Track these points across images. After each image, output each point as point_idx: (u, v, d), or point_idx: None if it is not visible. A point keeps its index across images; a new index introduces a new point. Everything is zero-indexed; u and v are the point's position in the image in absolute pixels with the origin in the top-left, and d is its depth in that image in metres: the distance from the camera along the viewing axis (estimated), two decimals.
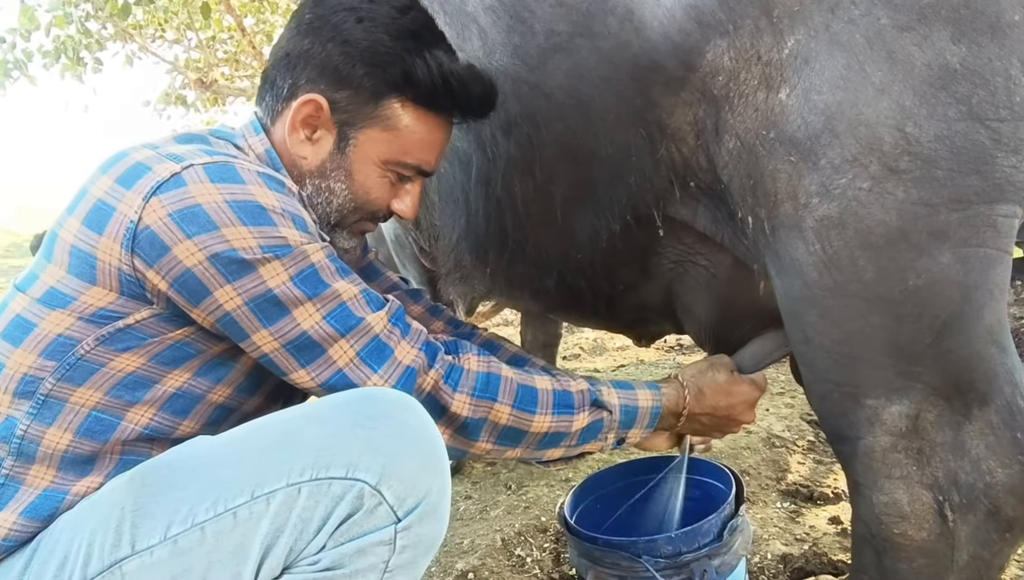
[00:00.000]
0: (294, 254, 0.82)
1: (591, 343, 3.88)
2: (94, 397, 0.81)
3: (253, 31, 6.46)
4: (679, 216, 1.04)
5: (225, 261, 0.79)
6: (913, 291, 0.82)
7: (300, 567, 0.76)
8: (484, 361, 0.95)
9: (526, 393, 0.95)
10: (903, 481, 0.89)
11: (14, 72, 5.43)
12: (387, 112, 0.95)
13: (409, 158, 0.98)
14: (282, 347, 0.83)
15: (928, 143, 0.78)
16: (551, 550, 1.65)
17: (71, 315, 0.80)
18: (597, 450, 1.04)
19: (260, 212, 0.80)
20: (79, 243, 0.80)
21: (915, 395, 0.87)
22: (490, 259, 1.25)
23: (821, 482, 1.95)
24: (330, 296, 0.84)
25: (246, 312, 0.81)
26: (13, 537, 0.78)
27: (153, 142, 0.88)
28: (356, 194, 0.98)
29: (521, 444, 0.96)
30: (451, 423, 0.91)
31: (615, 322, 1.41)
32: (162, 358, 0.84)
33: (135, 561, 0.73)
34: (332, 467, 0.75)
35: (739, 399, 1.10)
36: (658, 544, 1.09)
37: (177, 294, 0.80)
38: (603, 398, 1.00)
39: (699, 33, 0.88)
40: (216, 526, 0.74)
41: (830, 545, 1.58)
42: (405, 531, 0.77)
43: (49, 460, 0.81)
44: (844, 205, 0.82)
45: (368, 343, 0.86)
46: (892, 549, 0.92)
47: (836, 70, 0.81)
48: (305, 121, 0.95)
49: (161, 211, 0.78)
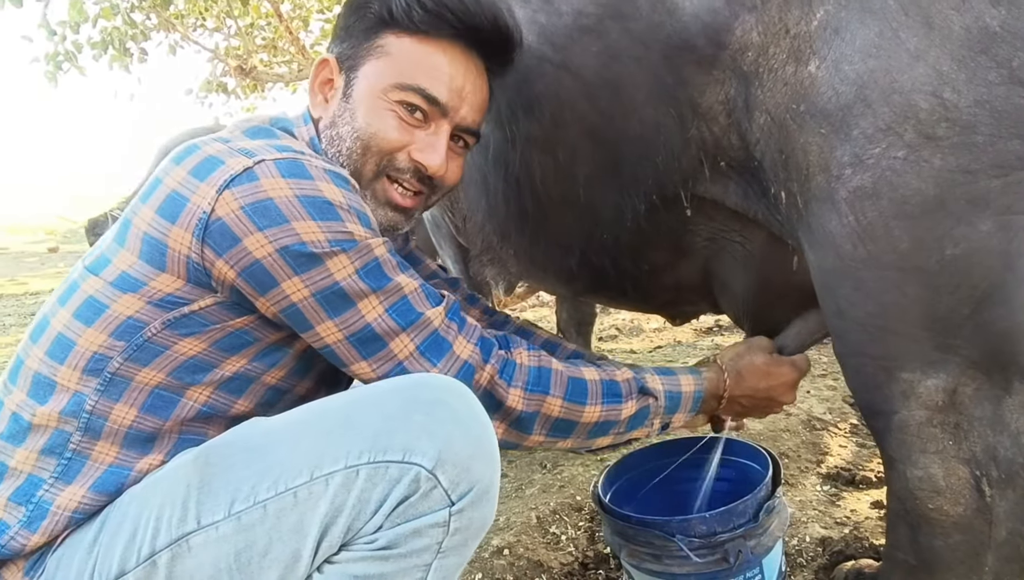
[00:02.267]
0: (359, 248, 0.84)
1: (627, 324, 3.87)
2: (157, 377, 0.85)
3: (290, 17, 6.54)
4: (709, 194, 1.03)
5: (294, 254, 0.81)
6: (951, 261, 0.80)
7: (358, 546, 0.78)
8: (535, 355, 0.98)
9: (576, 385, 0.97)
10: (939, 455, 0.88)
11: (64, 64, 5.60)
12: (380, 43, 0.98)
13: (406, 79, 0.95)
14: (345, 339, 0.86)
15: (967, 108, 0.76)
16: (586, 528, 1.66)
17: (141, 299, 0.83)
18: (643, 436, 1.05)
19: (328, 207, 0.83)
20: (152, 231, 0.84)
21: (952, 368, 0.85)
22: (513, 240, 1.26)
23: (864, 465, 1.91)
24: (393, 289, 0.86)
25: (312, 303, 0.84)
26: (82, 510, 0.83)
27: (223, 136, 0.91)
28: (361, 132, 0.95)
29: (572, 435, 0.99)
30: (506, 417, 0.93)
31: (647, 303, 1.40)
32: (222, 344, 0.87)
33: (201, 535, 0.77)
34: (389, 451, 0.77)
35: (779, 381, 1.11)
36: (692, 524, 1.09)
37: (244, 283, 0.83)
38: (648, 385, 1.02)
39: (727, 10, 0.87)
40: (277, 504, 0.76)
41: (872, 529, 1.55)
42: (458, 514, 0.78)
43: (114, 436, 0.84)
44: (878, 175, 0.80)
45: (428, 337, 0.88)
46: (927, 525, 0.91)
47: (868, 38, 0.79)
48: (323, 85, 1.01)
49: (233, 203, 0.80)
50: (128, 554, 0.78)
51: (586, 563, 1.54)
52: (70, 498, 0.82)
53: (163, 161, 0.89)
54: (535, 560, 1.52)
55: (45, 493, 0.82)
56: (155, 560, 0.77)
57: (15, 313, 4.79)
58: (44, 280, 6.31)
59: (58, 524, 0.82)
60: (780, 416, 2.32)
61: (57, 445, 0.83)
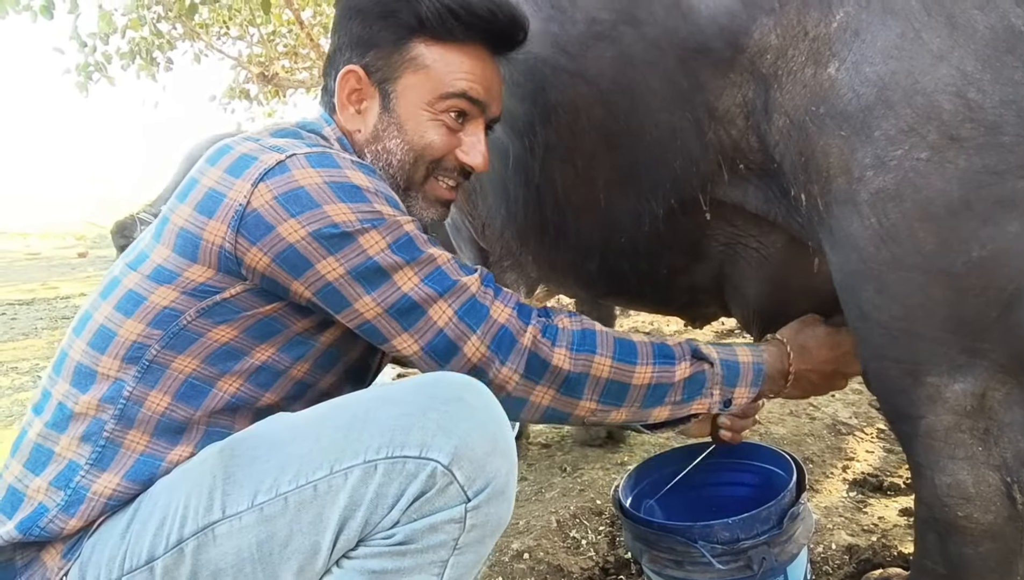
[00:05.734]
0: (389, 224, 0.87)
1: (647, 326, 3.85)
2: (191, 364, 0.88)
3: (310, 23, 6.62)
4: (728, 198, 1.02)
5: (326, 235, 0.84)
6: (977, 262, 0.79)
7: (375, 540, 0.79)
8: (576, 320, 0.96)
9: (624, 345, 0.95)
10: (968, 462, 0.86)
11: (94, 74, 5.73)
12: (413, 54, 0.98)
13: (449, 88, 0.99)
14: (385, 312, 0.87)
15: (993, 108, 0.75)
16: (606, 533, 1.65)
17: (176, 289, 0.87)
18: (704, 410, 0.99)
19: (356, 191, 0.86)
20: (188, 226, 0.87)
21: (981, 372, 0.84)
22: (532, 245, 1.26)
23: (891, 471, 1.88)
24: (426, 260, 0.88)
25: (349, 280, 0.86)
26: (117, 497, 0.86)
27: (253, 135, 0.94)
28: (412, 143, 1.00)
29: (626, 401, 0.95)
30: (554, 379, 0.91)
31: (665, 305, 1.39)
32: (252, 331, 0.90)
33: (225, 525, 0.79)
34: (406, 446, 0.78)
35: (843, 350, 1.05)
36: (714, 530, 1.08)
37: (279, 269, 0.85)
38: (702, 351, 0.98)
39: (745, 13, 0.87)
40: (298, 497, 0.78)
41: (900, 537, 1.52)
42: (475, 510, 0.79)
43: (146, 425, 0.87)
44: (901, 176, 0.79)
45: (465, 302, 0.89)
46: (956, 533, 0.89)
47: (890, 39, 0.78)
48: (351, 96, 1.01)
49: (268, 195, 0.84)
50: (157, 541, 0.81)
51: (607, 568, 1.53)
52: (105, 485, 0.85)
53: (198, 163, 0.93)
54: (555, 564, 1.52)
55: (82, 479, 0.85)
56: (182, 547, 0.80)
57: (46, 316, 4.90)
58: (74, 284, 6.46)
59: (94, 510, 0.85)
60: (804, 420, 2.29)
61: (93, 432, 0.87)
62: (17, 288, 6.14)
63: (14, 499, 0.87)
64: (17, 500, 0.87)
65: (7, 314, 4.96)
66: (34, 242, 11.66)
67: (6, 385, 3.28)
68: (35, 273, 7.26)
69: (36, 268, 7.82)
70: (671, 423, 1.03)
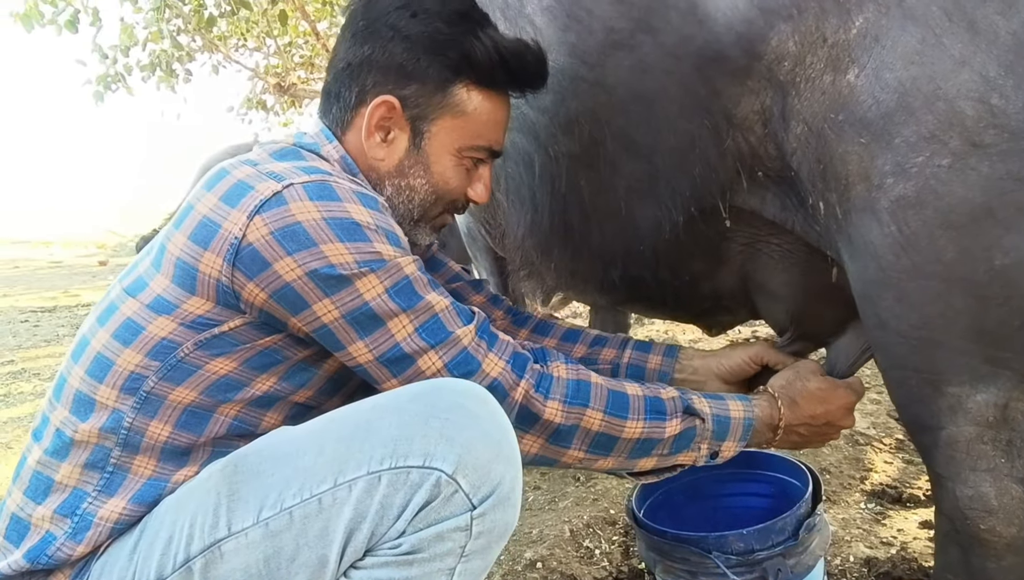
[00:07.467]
0: (388, 267, 0.85)
1: (662, 335, 3.83)
2: (190, 396, 0.87)
3: (327, 35, 6.69)
4: (746, 205, 1.02)
5: (323, 277, 0.83)
6: (1000, 271, 0.78)
7: (382, 551, 0.79)
8: (573, 369, 0.96)
9: (617, 398, 0.95)
10: (990, 474, 0.84)
11: (113, 85, 5.83)
12: (455, 99, 0.98)
13: (482, 141, 1.01)
14: (375, 359, 0.87)
15: (1016, 114, 0.74)
16: (620, 543, 1.64)
17: (174, 321, 0.86)
18: (690, 463, 1.01)
19: (355, 228, 0.84)
20: (184, 256, 0.86)
21: (1003, 383, 0.82)
22: (555, 254, 1.26)
23: (911, 483, 1.85)
24: (423, 308, 0.87)
25: (343, 324, 0.85)
26: (123, 520, 0.85)
27: (251, 158, 0.92)
28: (437, 186, 1.00)
29: (613, 452, 0.96)
30: (544, 431, 0.92)
31: (684, 311, 1.39)
32: (252, 363, 0.89)
33: (232, 542, 0.79)
34: (410, 456, 0.78)
35: (836, 404, 1.05)
36: (729, 540, 1.06)
37: (276, 305, 0.85)
38: (695, 406, 0.98)
39: (763, 20, 0.86)
40: (303, 510, 0.78)
41: (920, 550, 1.50)
42: (480, 518, 0.79)
43: (151, 451, 0.87)
44: (922, 184, 0.78)
45: (457, 355, 0.88)
46: (979, 546, 0.87)
47: (910, 45, 0.77)
48: (379, 124, 0.97)
49: (264, 229, 0.82)
50: (165, 560, 0.80)
51: (620, 578, 1.52)
52: (112, 510, 0.85)
53: (195, 188, 0.92)
54: (568, 574, 1.51)
55: (89, 506, 0.85)
56: (190, 566, 0.79)
57: (68, 324, 4.96)
58: (95, 292, 6.55)
59: (101, 535, 0.85)
60: None
61: (99, 460, 0.86)
62: (40, 296, 6.22)
63: (19, 528, 0.87)
64: (23, 529, 0.86)
65: (30, 321, 5.02)
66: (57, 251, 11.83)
67: (28, 391, 3.32)
68: (57, 281, 7.36)
69: (58, 276, 7.92)
70: (656, 472, 1.03)
